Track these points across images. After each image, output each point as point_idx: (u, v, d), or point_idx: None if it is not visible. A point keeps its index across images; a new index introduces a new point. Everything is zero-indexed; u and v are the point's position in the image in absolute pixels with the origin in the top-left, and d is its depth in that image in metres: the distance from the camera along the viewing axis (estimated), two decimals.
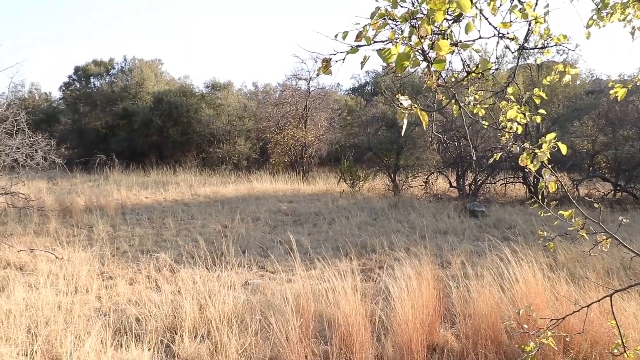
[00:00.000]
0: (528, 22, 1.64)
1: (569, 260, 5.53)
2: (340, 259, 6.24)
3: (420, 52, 1.32)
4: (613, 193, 11.82)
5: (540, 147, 1.93)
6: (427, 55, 1.34)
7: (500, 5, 1.57)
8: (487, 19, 1.53)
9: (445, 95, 1.89)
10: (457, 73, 1.95)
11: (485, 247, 6.74)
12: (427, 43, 1.39)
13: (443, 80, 1.62)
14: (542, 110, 2.33)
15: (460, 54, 1.65)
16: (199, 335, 3.82)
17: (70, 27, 53.91)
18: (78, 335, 3.64)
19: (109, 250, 6.54)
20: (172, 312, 4.16)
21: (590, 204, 3.16)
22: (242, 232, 8.12)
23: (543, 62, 9.87)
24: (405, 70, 1.41)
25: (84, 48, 52.99)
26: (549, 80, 2.42)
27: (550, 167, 2.05)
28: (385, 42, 1.39)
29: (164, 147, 20.74)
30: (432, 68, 1.34)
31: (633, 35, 2.48)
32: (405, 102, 1.36)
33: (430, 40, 1.34)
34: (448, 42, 1.29)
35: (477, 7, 1.50)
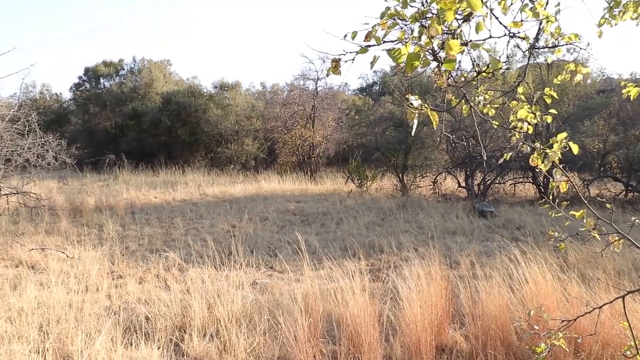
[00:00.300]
0: (539, 21, 1.63)
1: (580, 261, 5.48)
2: (348, 259, 6.24)
3: (431, 52, 1.32)
4: (624, 193, 11.68)
5: (551, 146, 1.92)
6: (437, 55, 1.34)
7: (511, 5, 1.56)
8: (497, 18, 1.52)
9: (455, 95, 1.88)
10: (466, 73, 1.94)
11: (495, 247, 6.70)
12: (436, 43, 1.38)
13: (453, 80, 1.61)
14: (552, 110, 2.30)
15: (470, 54, 1.65)
16: (208, 334, 3.84)
17: (80, 28, 54.49)
18: (89, 334, 3.67)
19: (119, 250, 6.59)
20: (181, 311, 4.19)
21: (601, 204, 3.13)
22: (250, 231, 8.14)
23: (553, 61, 9.78)
24: (415, 70, 1.41)
25: (94, 49, 53.52)
26: (560, 80, 2.40)
27: (561, 167, 2.03)
28: (395, 42, 1.38)
29: (173, 147, 20.86)
30: (442, 68, 1.34)
31: None
32: (416, 102, 1.36)
33: (440, 40, 1.33)
34: (459, 41, 1.29)
35: (487, 6, 1.49)
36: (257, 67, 57.26)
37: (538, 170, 3.44)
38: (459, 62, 1.44)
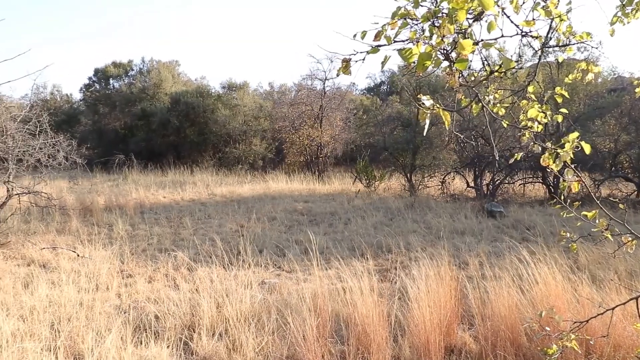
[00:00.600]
0: (551, 19, 1.62)
1: (590, 262, 5.42)
2: (356, 259, 6.23)
3: (442, 51, 1.31)
4: (636, 193, 11.53)
5: (563, 146, 1.90)
6: (449, 55, 1.33)
7: (523, 3, 1.55)
8: (509, 17, 1.51)
9: (465, 95, 1.87)
10: (476, 72, 1.93)
11: (504, 248, 6.66)
12: (447, 42, 1.38)
13: (464, 80, 1.60)
14: (563, 110, 2.28)
15: (481, 53, 1.64)
16: (217, 334, 3.86)
17: (89, 28, 54.99)
18: (99, 332, 3.71)
19: (129, 249, 6.65)
20: (190, 310, 4.21)
21: (612, 205, 3.10)
22: (258, 231, 8.17)
23: (564, 60, 9.69)
24: (425, 70, 1.40)
25: (103, 50, 54.00)
26: (571, 79, 2.37)
27: (573, 167, 2.01)
28: (406, 41, 1.38)
29: (181, 147, 20.99)
30: (454, 67, 1.33)
31: None
32: (428, 102, 1.36)
33: (452, 40, 1.33)
34: (471, 41, 1.28)
35: (499, 5, 1.49)
36: (265, 67, 57.42)
37: (549, 170, 3.41)
38: (470, 61, 1.43)
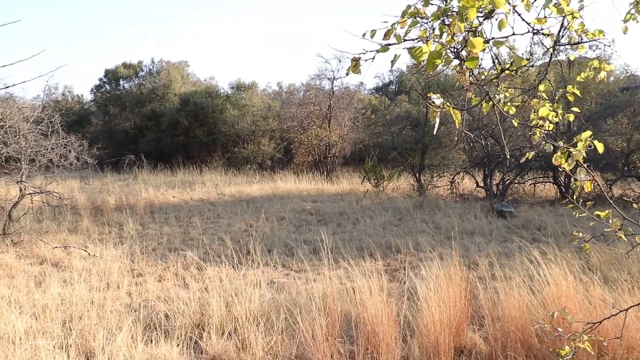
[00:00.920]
0: (563, 17, 1.60)
1: (603, 263, 5.36)
2: (365, 259, 6.22)
3: (453, 50, 1.30)
4: None
5: (575, 145, 1.88)
6: (459, 53, 1.32)
7: (535, 1, 1.54)
8: (520, 15, 1.49)
9: (475, 94, 1.85)
10: (487, 71, 1.91)
11: (514, 248, 6.60)
12: (458, 40, 1.37)
13: (475, 78, 1.59)
14: (575, 108, 2.26)
15: (492, 52, 1.62)
16: (226, 333, 3.87)
17: (98, 29, 55.54)
18: (110, 330, 3.75)
19: (139, 248, 6.71)
20: (199, 309, 4.23)
21: (625, 204, 3.06)
22: (267, 231, 8.19)
23: (575, 58, 9.57)
24: (435, 69, 1.39)
25: (114, 51, 54.48)
26: (583, 77, 2.34)
27: (585, 166, 1.99)
28: (416, 40, 1.37)
29: (191, 147, 21.11)
30: (464, 66, 1.32)
31: None
32: (438, 100, 1.35)
33: (463, 38, 1.32)
34: (481, 39, 1.27)
35: (510, 3, 1.47)
36: (273, 67, 57.50)
37: (561, 170, 3.37)
38: (481, 59, 1.42)
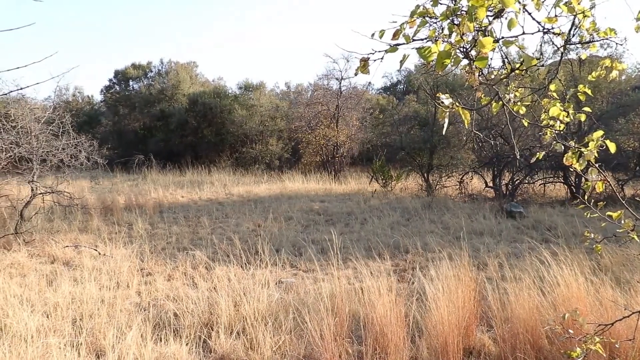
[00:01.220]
0: (574, 15, 1.58)
1: (614, 264, 5.29)
2: (373, 259, 6.21)
3: (462, 49, 1.30)
4: None
5: (587, 145, 1.86)
6: (468, 53, 1.32)
7: (545, 0, 1.52)
8: (530, 14, 1.48)
9: (485, 93, 1.84)
10: (496, 70, 1.90)
11: (524, 249, 6.55)
12: (467, 40, 1.36)
13: (484, 78, 1.58)
14: (587, 108, 2.23)
15: (501, 51, 1.61)
16: (235, 332, 3.89)
17: (108, 30, 55.99)
18: (120, 329, 3.78)
19: (148, 248, 6.76)
20: (208, 308, 4.26)
21: (638, 205, 3.02)
22: (275, 231, 8.20)
23: (586, 57, 9.47)
24: (444, 69, 1.39)
25: (124, 52, 54.91)
26: (595, 76, 2.32)
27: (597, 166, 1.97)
28: (425, 40, 1.37)
29: (199, 147, 21.23)
30: (473, 65, 1.31)
31: None
32: (447, 100, 1.34)
33: (472, 37, 1.31)
34: (491, 39, 1.26)
35: (520, 2, 1.46)
36: (281, 67, 57.61)
37: (572, 170, 3.33)
38: (491, 59, 1.41)
